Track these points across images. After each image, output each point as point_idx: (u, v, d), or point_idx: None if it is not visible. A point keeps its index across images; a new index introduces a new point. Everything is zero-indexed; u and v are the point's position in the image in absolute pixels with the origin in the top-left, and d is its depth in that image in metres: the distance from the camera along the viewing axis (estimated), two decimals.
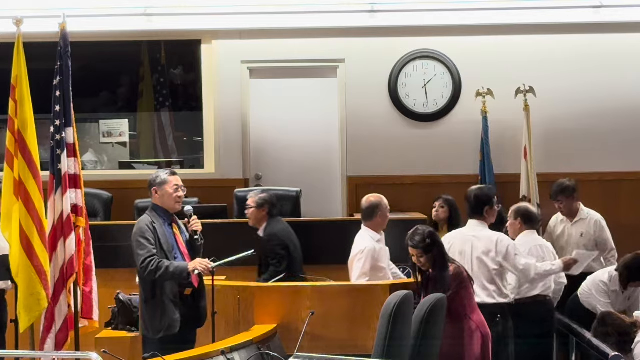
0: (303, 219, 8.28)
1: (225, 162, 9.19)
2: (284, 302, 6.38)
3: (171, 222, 5.97)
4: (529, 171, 8.68)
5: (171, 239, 5.89)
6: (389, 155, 9.11)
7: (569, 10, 9.00)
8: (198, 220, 5.98)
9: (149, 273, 5.68)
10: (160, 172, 6.03)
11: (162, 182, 5.91)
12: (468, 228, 6.30)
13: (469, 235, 6.21)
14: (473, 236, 6.19)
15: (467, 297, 5.67)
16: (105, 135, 9.91)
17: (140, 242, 5.74)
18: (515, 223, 6.78)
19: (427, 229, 5.72)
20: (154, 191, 5.93)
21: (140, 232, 5.78)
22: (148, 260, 5.68)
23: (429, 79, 9.17)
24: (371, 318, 6.03)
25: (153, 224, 5.81)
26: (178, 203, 5.95)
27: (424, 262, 5.64)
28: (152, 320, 5.80)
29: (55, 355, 5.74)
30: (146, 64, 10.27)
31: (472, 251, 6.14)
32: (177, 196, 5.92)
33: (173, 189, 5.91)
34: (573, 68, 9.10)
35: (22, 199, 5.55)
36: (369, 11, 8.99)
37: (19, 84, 5.61)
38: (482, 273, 6.08)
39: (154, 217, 5.88)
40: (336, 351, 5.84)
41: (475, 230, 6.22)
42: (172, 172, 6.04)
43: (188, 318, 5.87)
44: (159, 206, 5.93)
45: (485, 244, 6.14)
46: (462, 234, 6.30)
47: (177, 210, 5.98)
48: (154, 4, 8.90)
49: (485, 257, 6.11)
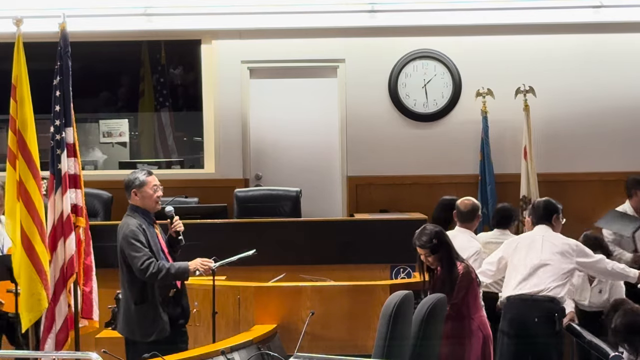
0: (303, 219, 8.28)
1: (225, 162, 9.19)
2: (284, 302, 6.38)
3: (152, 222, 5.93)
4: (529, 171, 8.68)
5: (157, 240, 5.87)
6: (389, 155, 9.11)
7: (569, 10, 9.00)
8: (180, 220, 5.97)
9: (150, 275, 5.63)
10: (137, 173, 5.95)
11: (142, 183, 5.85)
12: (537, 230, 6.36)
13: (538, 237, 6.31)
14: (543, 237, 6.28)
15: (472, 297, 5.68)
16: (105, 135, 9.91)
17: (134, 244, 5.69)
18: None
19: (434, 229, 5.71)
20: (134, 193, 5.86)
21: (132, 234, 5.72)
22: (147, 263, 5.64)
23: (429, 79, 9.17)
24: (371, 318, 6.03)
25: (142, 226, 5.77)
26: (158, 203, 5.91)
27: (432, 261, 5.65)
28: (141, 324, 5.73)
29: (55, 355, 5.73)
30: (146, 64, 10.27)
31: (541, 250, 6.20)
32: (157, 196, 5.88)
33: (153, 189, 5.87)
34: (573, 68, 9.10)
35: (23, 199, 5.55)
36: (369, 11, 8.98)
37: (19, 84, 5.60)
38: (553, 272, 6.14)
39: (138, 218, 5.83)
40: (336, 351, 5.85)
41: (547, 232, 6.31)
42: (149, 172, 5.99)
43: (173, 319, 5.83)
44: (139, 207, 5.87)
45: (560, 245, 6.22)
46: (531, 236, 6.36)
47: (157, 210, 5.94)
48: (154, 4, 8.90)
49: (561, 256, 6.16)
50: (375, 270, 7.54)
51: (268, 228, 7.85)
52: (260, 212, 8.24)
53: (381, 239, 7.74)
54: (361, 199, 9.06)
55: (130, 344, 5.86)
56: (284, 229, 7.89)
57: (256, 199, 8.44)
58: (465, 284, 5.61)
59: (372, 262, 7.57)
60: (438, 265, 5.65)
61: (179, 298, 5.92)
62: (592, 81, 9.09)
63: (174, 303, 5.88)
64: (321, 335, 6.19)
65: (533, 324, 5.97)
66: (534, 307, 6.03)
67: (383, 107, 9.15)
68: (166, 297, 5.81)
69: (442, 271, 5.63)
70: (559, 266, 6.12)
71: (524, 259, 6.19)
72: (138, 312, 5.76)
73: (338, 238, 7.79)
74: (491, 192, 8.71)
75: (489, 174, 8.79)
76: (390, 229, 7.93)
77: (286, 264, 7.28)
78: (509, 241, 6.50)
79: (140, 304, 5.75)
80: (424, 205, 8.30)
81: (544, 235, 6.27)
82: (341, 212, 9.15)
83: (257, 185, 9.08)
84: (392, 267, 7.62)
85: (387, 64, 9.13)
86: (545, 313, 6.02)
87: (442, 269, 5.63)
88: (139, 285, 5.74)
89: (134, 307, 5.77)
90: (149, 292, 5.73)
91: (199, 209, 8.15)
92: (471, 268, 5.78)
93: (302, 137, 9.23)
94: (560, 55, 9.10)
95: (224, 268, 6.11)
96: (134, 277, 5.73)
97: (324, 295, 6.39)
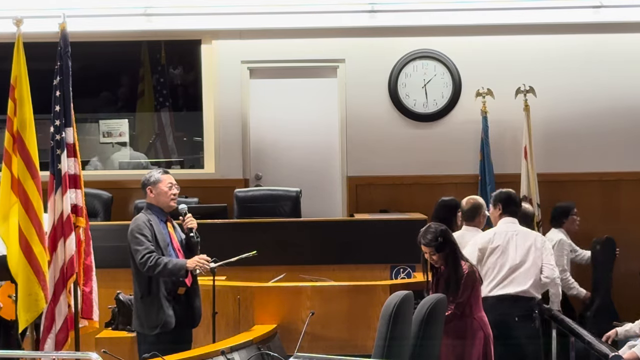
0: (303, 219, 8.28)
1: (225, 162, 9.19)
2: (284, 302, 6.39)
3: (166, 220, 6.03)
4: (529, 171, 8.67)
5: (166, 236, 5.95)
6: (389, 155, 9.11)
7: (569, 10, 9.00)
8: (193, 217, 6.04)
9: (147, 269, 5.74)
10: (154, 171, 6.11)
11: (156, 180, 5.99)
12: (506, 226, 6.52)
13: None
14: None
15: (475, 296, 5.70)
16: (105, 135, 9.90)
17: (138, 238, 5.81)
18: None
19: (439, 227, 5.71)
20: (149, 190, 6.01)
21: (137, 228, 5.86)
22: (147, 256, 5.74)
23: (429, 79, 9.17)
24: (371, 318, 6.04)
25: (150, 222, 5.89)
26: (173, 200, 6.02)
27: (437, 260, 5.66)
28: (147, 316, 5.83)
29: (55, 355, 5.73)
30: (146, 64, 10.26)
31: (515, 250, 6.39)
32: (172, 194, 6.00)
33: (167, 186, 5.99)
34: (573, 68, 9.10)
35: (21, 200, 5.55)
36: (369, 11, 8.98)
37: (19, 84, 5.60)
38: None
39: (150, 215, 5.96)
40: (336, 351, 5.86)
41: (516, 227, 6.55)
42: (164, 170, 6.14)
43: (182, 317, 5.89)
44: (154, 205, 6.01)
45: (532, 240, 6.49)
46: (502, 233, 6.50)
47: (172, 208, 6.04)
48: (154, 4, 8.90)
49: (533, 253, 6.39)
50: (375, 270, 7.54)
51: (268, 228, 7.85)
52: (260, 212, 8.24)
53: (381, 239, 7.73)
54: (361, 199, 9.06)
55: (140, 336, 5.98)
56: (284, 229, 7.89)
57: (256, 199, 8.44)
58: (470, 283, 5.62)
59: (372, 262, 7.57)
60: (442, 264, 5.66)
61: (190, 298, 5.97)
62: (592, 81, 9.09)
63: (186, 302, 5.94)
64: (321, 335, 6.20)
65: (514, 323, 6.02)
66: (514, 306, 6.15)
67: (383, 107, 9.15)
68: (173, 293, 5.88)
69: (447, 270, 5.64)
70: (534, 263, 6.30)
71: (500, 259, 6.31)
72: (144, 304, 5.87)
73: (338, 238, 7.79)
74: (491, 192, 8.66)
75: (489, 174, 8.79)
76: (390, 229, 7.93)
77: (286, 264, 7.30)
78: (479, 240, 6.51)
79: (146, 296, 5.85)
80: (424, 205, 8.30)
81: (515, 232, 6.38)
82: (341, 212, 9.15)
83: (257, 185, 9.08)
84: (392, 267, 7.62)
85: (387, 64, 9.13)
86: (524, 312, 6.18)
87: (447, 267, 5.64)
88: (145, 279, 5.85)
89: (140, 300, 5.90)
90: (154, 286, 5.83)
91: (199, 209, 8.13)
92: (475, 268, 5.79)
93: (302, 137, 9.23)
94: (560, 55, 9.09)
95: (224, 268, 6.12)
96: (140, 271, 5.83)
97: (324, 295, 6.40)
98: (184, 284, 5.90)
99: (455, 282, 5.57)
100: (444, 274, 5.66)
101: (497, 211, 6.62)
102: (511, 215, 6.57)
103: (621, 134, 9.09)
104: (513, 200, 6.64)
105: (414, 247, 5.78)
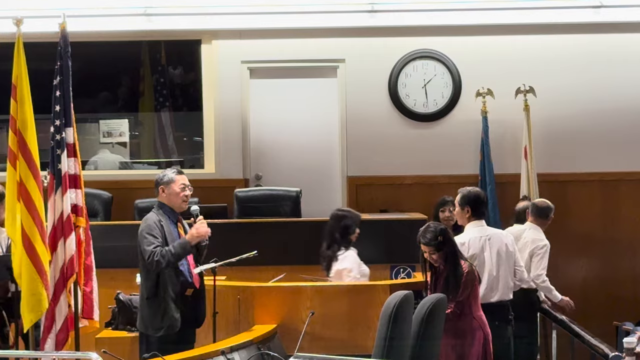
0: (303, 219, 8.28)
1: (225, 162, 9.19)
2: (284, 302, 6.38)
3: (177, 221, 6.00)
4: (529, 171, 8.68)
5: (176, 237, 5.91)
6: (389, 155, 9.10)
7: (569, 10, 9.00)
8: (204, 220, 5.99)
9: (157, 264, 5.69)
10: (168, 171, 6.05)
11: (169, 180, 5.94)
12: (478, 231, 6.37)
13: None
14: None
15: (474, 296, 5.70)
16: (105, 135, 9.90)
17: (147, 238, 5.76)
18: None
19: (439, 226, 5.71)
20: (161, 189, 5.96)
21: (148, 228, 5.81)
22: (153, 253, 5.69)
23: (429, 79, 9.17)
24: (371, 318, 6.03)
25: (160, 222, 5.85)
26: (185, 202, 5.99)
27: (436, 259, 5.65)
28: (153, 318, 5.80)
29: (55, 355, 5.74)
30: (146, 64, 10.26)
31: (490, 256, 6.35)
32: (184, 195, 5.96)
33: (180, 187, 5.95)
34: (573, 68, 9.10)
35: (24, 200, 5.55)
36: (369, 11, 8.98)
37: (19, 84, 5.61)
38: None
39: (161, 215, 5.91)
40: (336, 351, 5.85)
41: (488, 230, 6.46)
42: (179, 171, 6.07)
43: (187, 318, 5.89)
44: (165, 204, 5.96)
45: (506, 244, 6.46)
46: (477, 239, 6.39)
47: (183, 209, 6.01)
48: (154, 4, 8.90)
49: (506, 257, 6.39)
50: (375, 270, 7.52)
51: (268, 228, 7.86)
52: (261, 212, 8.25)
53: (381, 239, 7.74)
54: (361, 199, 9.05)
55: (143, 336, 5.94)
56: (284, 229, 7.90)
57: (256, 199, 8.44)
58: (469, 282, 5.62)
59: (372, 262, 7.55)
60: (442, 263, 5.66)
61: (197, 299, 5.97)
62: (592, 81, 9.09)
63: (193, 303, 5.93)
64: (321, 335, 6.19)
65: (494, 329, 5.93)
66: (496, 313, 6.06)
67: (383, 107, 9.15)
68: (181, 295, 5.85)
69: (447, 269, 5.63)
70: (509, 266, 6.29)
71: (477, 268, 6.03)
72: (150, 306, 5.83)
73: None
74: (491, 192, 8.70)
75: (489, 174, 8.78)
76: (390, 229, 7.94)
77: (286, 264, 7.29)
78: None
79: (153, 298, 5.81)
80: (424, 205, 8.32)
81: (487, 236, 6.27)
82: None
83: (257, 185, 9.08)
84: (392, 267, 7.63)
85: (387, 64, 9.13)
86: (504, 317, 6.16)
87: (446, 266, 5.64)
88: (152, 280, 5.81)
89: (146, 301, 5.86)
90: (161, 288, 5.79)
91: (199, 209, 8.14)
92: (474, 267, 5.78)
93: (302, 137, 9.23)
94: (560, 55, 9.09)
95: (224, 268, 6.13)
96: (149, 272, 5.80)
97: (324, 295, 6.40)
98: (192, 285, 5.90)
99: (455, 281, 5.57)
100: (443, 273, 5.66)
101: (466, 213, 6.28)
102: (480, 218, 6.30)
103: (621, 134, 9.08)
104: (482, 202, 6.31)
105: (413, 247, 5.78)
